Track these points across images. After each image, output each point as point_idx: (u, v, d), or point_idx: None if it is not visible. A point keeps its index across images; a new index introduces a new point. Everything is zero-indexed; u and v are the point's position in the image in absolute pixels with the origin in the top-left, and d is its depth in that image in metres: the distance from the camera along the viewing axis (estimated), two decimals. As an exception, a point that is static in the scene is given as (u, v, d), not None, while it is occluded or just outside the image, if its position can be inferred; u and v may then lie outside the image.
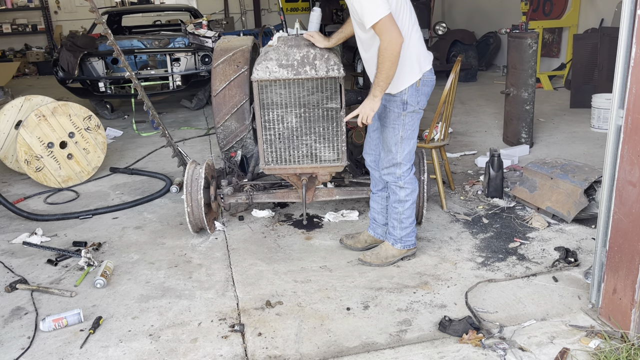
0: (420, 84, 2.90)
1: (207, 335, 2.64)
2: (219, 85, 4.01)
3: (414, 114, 2.95)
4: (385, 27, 2.57)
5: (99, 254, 3.56)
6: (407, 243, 3.22)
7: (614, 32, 5.70)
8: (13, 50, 13.78)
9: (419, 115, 2.99)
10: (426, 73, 2.91)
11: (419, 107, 2.95)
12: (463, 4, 11.92)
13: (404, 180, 3.07)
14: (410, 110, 2.93)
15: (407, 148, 3.01)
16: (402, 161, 3.02)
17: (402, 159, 3.02)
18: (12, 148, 5.06)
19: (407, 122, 2.95)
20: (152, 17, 12.30)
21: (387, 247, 3.24)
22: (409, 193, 3.10)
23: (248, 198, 3.64)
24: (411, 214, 3.17)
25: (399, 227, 3.18)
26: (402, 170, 3.05)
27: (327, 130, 3.36)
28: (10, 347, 2.61)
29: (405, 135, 2.97)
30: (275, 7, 14.38)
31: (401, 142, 2.98)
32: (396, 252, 3.22)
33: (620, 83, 2.30)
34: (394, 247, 3.22)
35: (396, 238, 3.21)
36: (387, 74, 2.70)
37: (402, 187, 3.09)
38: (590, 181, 3.58)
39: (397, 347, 2.48)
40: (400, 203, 3.13)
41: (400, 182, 3.08)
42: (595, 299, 2.63)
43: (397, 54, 2.62)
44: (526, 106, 5.30)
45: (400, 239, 3.21)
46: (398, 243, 3.21)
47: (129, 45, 7.68)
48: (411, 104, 2.91)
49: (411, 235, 3.22)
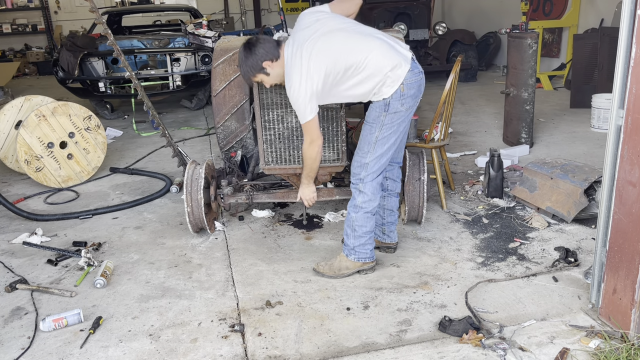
0: (404, 89, 2.77)
1: (207, 335, 2.64)
2: (219, 85, 4.01)
3: (395, 115, 2.82)
4: (309, 128, 2.81)
5: (99, 254, 3.56)
6: (362, 256, 3.07)
7: (614, 32, 5.69)
8: (13, 50, 13.78)
9: (402, 118, 2.85)
10: (407, 76, 2.76)
11: (404, 109, 2.82)
12: (463, 4, 11.92)
13: (364, 184, 2.93)
14: (392, 112, 2.81)
15: (380, 151, 2.87)
16: (369, 163, 2.89)
17: (370, 161, 2.89)
18: (12, 148, 5.07)
19: (386, 123, 2.83)
20: (152, 17, 12.30)
21: (341, 258, 3.10)
22: (366, 200, 2.95)
23: (248, 198, 3.64)
24: (366, 224, 3.00)
25: (352, 235, 3.03)
26: (366, 173, 2.91)
27: (327, 131, 3.36)
28: (10, 347, 2.61)
29: (381, 136, 2.85)
30: (275, 7, 14.37)
31: (375, 143, 2.86)
32: (350, 264, 3.08)
33: (620, 83, 2.30)
34: (348, 259, 3.08)
35: (349, 248, 3.06)
36: (311, 167, 2.99)
37: (362, 191, 2.94)
38: (590, 181, 3.58)
39: (397, 347, 2.48)
40: (355, 209, 2.98)
41: (360, 185, 2.94)
42: (595, 299, 2.63)
43: (317, 153, 2.90)
44: (526, 106, 5.30)
45: (353, 250, 3.05)
46: (352, 254, 3.06)
47: (129, 45, 7.68)
48: (394, 106, 2.80)
49: (366, 248, 3.06)
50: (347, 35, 2.77)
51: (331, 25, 2.81)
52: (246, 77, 2.91)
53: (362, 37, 2.79)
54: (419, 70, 2.85)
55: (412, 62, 2.81)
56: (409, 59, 2.80)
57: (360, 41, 2.76)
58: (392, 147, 2.91)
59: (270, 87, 3.03)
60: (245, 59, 2.83)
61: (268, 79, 2.89)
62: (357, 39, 2.77)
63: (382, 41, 2.79)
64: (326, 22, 2.82)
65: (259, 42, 2.81)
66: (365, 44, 2.75)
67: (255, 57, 2.80)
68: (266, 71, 2.84)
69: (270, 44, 2.81)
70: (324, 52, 2.70)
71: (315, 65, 2.69)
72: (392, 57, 2.75)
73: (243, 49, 2.84)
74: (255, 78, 2.90)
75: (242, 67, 2.87)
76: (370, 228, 3.03)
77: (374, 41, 2.77)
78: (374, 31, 2.88)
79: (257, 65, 2.82)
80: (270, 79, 2.88)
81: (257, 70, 2.84)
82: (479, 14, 11.18)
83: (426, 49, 9.44)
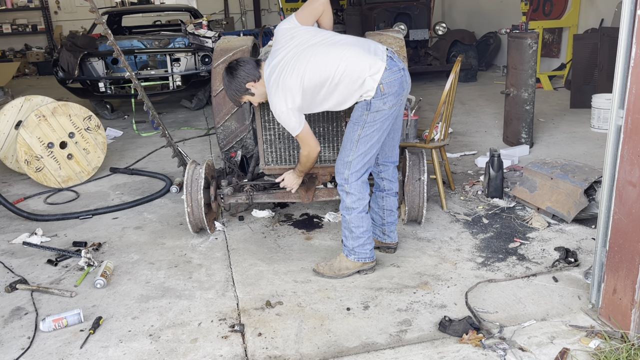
0: (384, 88, 2.78)
1: (207, 335, 2.64)
2: (219, 85, 4.01)
3: (377, 113, 2.82)
4: (304, 138, 2.93)
5: (99, 254, 3.56)
6: (362, 256, 3.07)
7: (614, 32, 5.70)
8: (13, 51, 13.79)
9: (385, 116, 2.84)
10: (385, 75, 2.76)
11: (386, 107, 2.82)
12: (463, 4, 11.92)
13: (349, 184, 2.93)
14: (374, 110, 2.82)
15: (362, 149, 2.88)
16: (352, 161, 2.90)
17: (353, 159, 2.89)
18: (12, 148, 5.07)
19: (368, 122, 2.83)
20: (152, 17, 12.30)
21: (341, 259, 3.11)
22: (355, 200, 2.95)
23: (248, 198, 3.64)
24: (361, 223, 3.00)
25: (350, 237, 3.04)
26: (350, 172, 2.91)
27: (326, 131, 3.36)
28: (10, 347, 2.61)
29: (363, 134, 2.85)
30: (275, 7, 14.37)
31: (357, 141, 2.87)
32: (350, 265, 3.09)
33: (620, 83, 2.30)
34: (348, 259, 3.09)
35: (349, 249, 3.07)
36: (305, 166, 3.12)
37: (348, 192, 2.95)
38: (590, 181, 3.58)
39: (397, 347, 2.48)
40: (347, 211, 2.99)
41: (346, 185, 2.94)
42: (595, 299, 2.63)
43: (314, 159, 3.06)
44: (526, 106, 5.30)
45: (352, 250, 3.06)
46: (351, 255, 3.07)
47: (129, 46, 7.68)
48: (376, 105, 2.81)
49: (365, 248, 3.06)
50: (318, 51, 2.83)
51: (303, 41, 2.88)
52: (233, 99, 3.04)
53: (333, 48, 2.83)
54: (399, 67, 2.84)
55: (389, 60, 2.82)
56: (384, 59, 2.81)
57: (330, 54, 2.81)
58: (376, 144, 2.92)
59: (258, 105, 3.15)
60: (229, 83, 2.96)
61: (254, 99, 3.02)
62: (327, 52, 2.82)
63: (354, 47, 2.83)
64: (299, 39, 2.89)
65: (239, 65, 2.94)
66: (336, 55, 2.80)
67: (238, 79, 2.93)
68: (250, 91, 2.97)
69: (250, 65, 2.94)
70: (297, 71, 2.80)
71: (291, 83, 2.80)
72: (365, 61, 2.78)
73: (225, 73, 2.98)
74: (242, 99, 3.03)
75: (228, 92, 3.01)
76: (366, 227, 3.04)
77: (345, 50, 2.81)
78: (345, 38, 2.92)
79: (241, 88, 2.95)
80: (256, 98, 3.01)
81: (242, 92, 2.98)
82: (479, 14, 11.18)
83: (426, 49, 9.44)
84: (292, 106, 2.82)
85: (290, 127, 2.88)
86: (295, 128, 2.88)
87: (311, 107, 2.93)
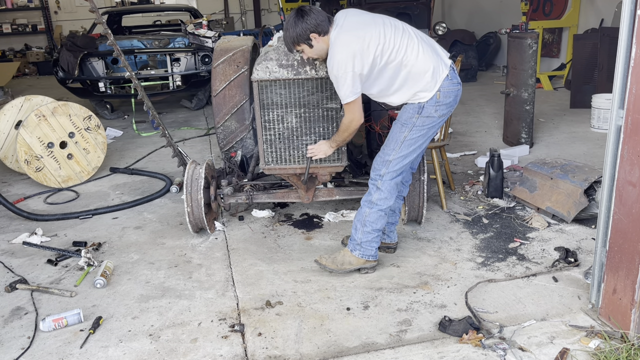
0: (440, 97, 2.80)
1: (207, 335, 2.64)
2: (219, 85, 4.01)
3: (427, 119, 2.84)
4: (351, 108, 2.84)
5: (99, 254, 3.56)
6: (367, 252, 3.07)
7: (614, 32, 5.69)
8: (13, 50, 13.78)
9: (433, 123, 2.87)
10: (445, 84, 2.80)
11: (436, 115, 2.84)
12: (463, 4, 11.92)
13: (383, 182, 2.94)
14: (425, 115, 2.83)
15: (405, 152, 2.90)
16: (392, 160, 2.91)
17: (393, 159, 2.90)
18: (12, 148, 5.06)
19: (417, 125, 2.85)
20: (152, 17, 12.30)
21: (345, 253, 3.11)
22: (382, 198, 2.96)
23: (248, 198, 3.64)
24: (378, 221, 3.00)
25: (361, 229, 3.02)
26: (387, 170, 2.92)
27: (327, 131, 3.35)
28: (10, 347, 2.61)
29: (409, 137, 2.87)
30: (275, 7, 14.38)
31: (402, 142, 2.89)
32: (354, 260, 3.08)
33: (620, 83, 2.30)
34: (352, 254, 3.08)
35: (356, 243, 3.05)
36: (342, 137, 3.06)
37: (379, 188, 2.95)
38: (590, 181, 3.58)
39: (397, 347, 2.48)
40: (369, 204, 2.99)
41: (379, 181, 2.95)
42: (595, 299, 2.63)
43: (354, 131, 2.98)
44: (526, 106, 5.30)
45: (359, 245, 3.05)
46: (357, 249, 3.06)
47: (129, 45, 7.68)
48: (427, 110, 2.83)
49: (372, 245, 3.06)
50: (398, 31, 2.79)
51: (380, 20, 2.82)
52: (289, 44, 2.87)
53: (412, 34, 2.83)
54: (458, 81, 2.89)
55: (451, 70, 2.86)
56: (448, 65, 2.85)
57: (411, 39, 2.80)
58: (417, 150, 2.94)
59: (307, 59, 3.03)
60: (294, 24, 2.76)
61: (309, 51, 2.86)
62: (406, 35, 2.80)
63: (427, 44, 2.85)
64: (374, 16, 2.84)
65: (312, 12, 2.76)
66: (414, 42, 2.80)
67: (305, 25, 2.74)
68: (311, 43, 2.80)
69: (323, 17, 2.77)
70: (375, 40, 2.72)
71: (366, 51, 2.70)
72: (433, 60, 2.80)
73: (295, 14, 2.78)
74: (298, 47, 2.86)
75: (289, 32, 2.80)
76: (380, 227, 3.04)
77: (421, 43, 2.82)
78: (421, 33, 2.92)
79: (305, 35, 2.77)
80: (312, 51, 2.86)
81: (302, 39, 2.79)
82: (479, 14, 11.18)
83: (426, 49, 9.43)
84: (360, 71, 2.72)
85: (343, 91, 2.76)
86: (348, 95, 2.76)
87: (368, 82, 2.84)
